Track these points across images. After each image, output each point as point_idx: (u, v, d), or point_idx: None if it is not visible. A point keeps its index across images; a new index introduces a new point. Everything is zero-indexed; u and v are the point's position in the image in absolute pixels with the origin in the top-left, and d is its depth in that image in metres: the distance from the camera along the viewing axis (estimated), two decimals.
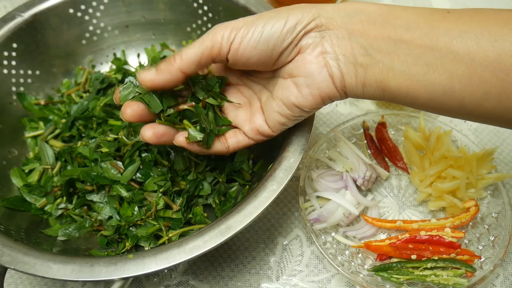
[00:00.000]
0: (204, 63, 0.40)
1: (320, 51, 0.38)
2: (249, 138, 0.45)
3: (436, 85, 0.35)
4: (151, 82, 0.40)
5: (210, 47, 0.39)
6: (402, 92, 0.36)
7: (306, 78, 0.39)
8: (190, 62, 0.39)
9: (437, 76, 0.34)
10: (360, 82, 0.38)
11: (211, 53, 0.39)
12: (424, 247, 0.50)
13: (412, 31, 0.35)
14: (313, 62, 0.38)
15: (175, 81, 0.40)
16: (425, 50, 0.34)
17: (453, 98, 0.35)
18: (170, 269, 0.54)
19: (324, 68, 0.38)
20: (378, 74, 0.36)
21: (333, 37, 0.38)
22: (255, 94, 0.46)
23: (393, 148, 0.60)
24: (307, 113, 0.42)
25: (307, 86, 0.39)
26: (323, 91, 0.39)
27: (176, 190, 0.52)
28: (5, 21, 0.57)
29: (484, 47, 0.33)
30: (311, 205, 0.54)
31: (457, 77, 0.34)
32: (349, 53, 0.37)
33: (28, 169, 0.56)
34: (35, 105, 0.60)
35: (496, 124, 0.37)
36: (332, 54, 0.38)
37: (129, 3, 0.63)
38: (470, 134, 0.65)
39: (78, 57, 0.65)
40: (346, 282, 0.53)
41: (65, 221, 0.53)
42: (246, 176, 0.55)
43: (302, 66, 0.39)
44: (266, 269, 0.54)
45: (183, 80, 0.41)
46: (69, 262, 0.40)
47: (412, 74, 0.35)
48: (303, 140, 0.46)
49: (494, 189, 0.55)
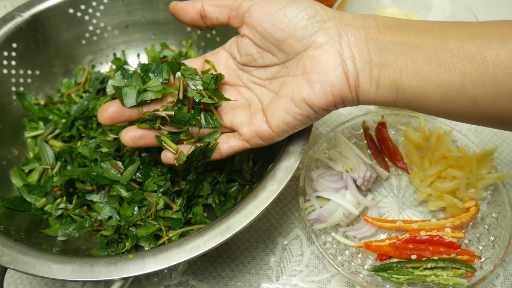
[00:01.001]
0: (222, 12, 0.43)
1: (337, 49, 0.39)
2: (245, 141, 0.44)
3: (448, 84, 0.35)
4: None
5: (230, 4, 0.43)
6: (416, 92, 0.37)
7: (320, 74, 0.39)
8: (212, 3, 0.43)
9: (449, 76, 0.35)
10: (374, 82, 0.38)
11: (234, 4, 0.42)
12: (424, 247, 0.50)
13: (424, 35, 0.37)
14: (330, 60, 0.39)
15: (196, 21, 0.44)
16: (436, 51, 0.35)
17: (466, 97, 0.35)
18: (170, 269, 0.54)
19: (339, 66, 0.38)
20: (392, 74, 0.37)
21: (351, 37, 0.39)
22: (256, 96, 0.45)
23: (393, 148, 0.60)
24: (315, 113, 0.41)
25: (320, 82, 0.39)
26: (335, 88, 0.39)
27: (176, 190, 0.52)
28: (5, 21, 0.57)
29: (495, 46, 0.34)
30: (311, 205, 0.54)
31: (469, 76, 0.34)
32: (365, 53, 0.38)
33: (28, 169, 0.56)
34: (35, 105, 0.60)
35: (510, 127, 0.37)
36: (349, 53, 0.38)
37: (129, 3, 0.63)
38: (470, 134, 0.65)
39: (78, 57, 0.65)
40: (346, 282, 0.53)
41: (65, 221, 0.53)
42: (246, 176, 0.55)
43: (317, 62, 0.39)
44: (266, 269, 0.54)
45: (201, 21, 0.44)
46: (69, 262, 0.40)
47: (425, 74, 0.36)
48: (303, 140, 0.46)
49: (494, 189, 0.55)
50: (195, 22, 0.45)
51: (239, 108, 0.45)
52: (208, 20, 0.44)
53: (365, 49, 0.38)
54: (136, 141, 0.44)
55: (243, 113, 0.45)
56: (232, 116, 0.45)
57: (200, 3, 0.44)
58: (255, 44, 0.43)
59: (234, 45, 0.45)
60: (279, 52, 0.42)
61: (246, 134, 0.44)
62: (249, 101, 0.45)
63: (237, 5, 0.42)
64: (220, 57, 0.47)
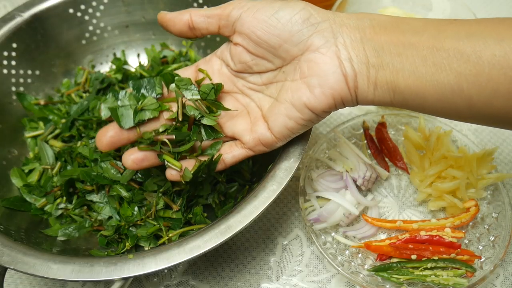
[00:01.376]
0: (212, 22, 0.42)
1: (334, 51, 0.38)
2: (248, 149, 0.44)
3: (444, 85, 0.35)
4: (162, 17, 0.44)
5: (222, 8, 0.42)
6: (412, 92, 0.37)
7: (319, 78, 0.39)
8: (200, 14, 0.42)
9: (445, 76, 0.35)
10: (372, 83, 0.38)
11: (223, 13, 0.42)
12: (424, 247, 0.50)
13: (420, 34, 0.36)
14: (328, 62, 0.38)
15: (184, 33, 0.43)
16: (432, 51, 0.35)
17: (462, 97, 0.35)
18: (170, 269, 0.54)
19: (338, 68, 0.38)
20: (388, 75, 0.37)
21: (346, 38, 0.38)
22: (254, 102, 0.44)
23: (393, 148, 0.60)
24: (316, 117, 0.41)
25: (319, 86, 0.39)
26: (335, 91, 0.39)
27: (176, 190, 0.52)
28: (5, 21, 0.57)
29: (491, 46, 0.33)
30: (311, 205, 0.54)
31: (465, 76, 0.34)
32: (362, 54, 0.38)
33: (28, 169, 0.56)
34: (35, 105, 0.60)
35: (506, 125, 0.37)
36: (346, 54, 0.38)
37: (129, 3, 0.63)
38: (470, 134, 0.65)
39: (78, 57, 0.65)
40: (346, 282, 0.53)
41: (65, 221, 0.53)
42: (246, 176, 0.55)
43: (316, 66, 0.39)
44: (266, 269, 0.54)
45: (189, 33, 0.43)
46: (69, 262, 0.40)
47: (421, 74, 0.36)
48: (303, 140, 0.46)
49: (494, 189, 0.55)
50: (184, 34, 0.44)
51: (238, 116, 0.45)
52: (197, 31, 0.43)
53: (362, 50, 0.38)
54: (139, 163, 0.43)
55: (243, 120, 0.44)
56: (232, 125, 0.45)
57: (188, 15, 0.43)
58: (249, 51, 0.42)
59: (227, 52, 0.44)
60: (275, 58, 0.41)
61: (249, 143, 0.43)
62: (247, 108, 0.45)
63: (227, 14, 0.41)
64: (213, 65, 0.46)
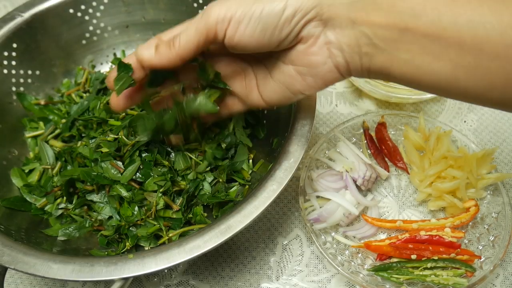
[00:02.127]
0: (202, 48, 0.40)
1: (323, 41, 0.37)
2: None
3: (439, 75, 0.34)
4: (149, 62, 0.40)
5: (205, 34, 0.38)
6: (407, 78, 0.36)
7: (310, 69, 0.39)
8: (188, 49, 0.39)
9: (442, 66, 0.34)
10: (365, 69, 0.37)
11: (207, 38, 0.38)
12: (424, 247, 0.50)
13: (418, 17, 0.33)
14: (317, 54, 0.38)
15: (172, 65, 0.40)
16: (430, 39, 0.33)
17: (457, 88, 0.34)
18: (170, 269, 0.54)
19: (329, 59, 0.38)
20: (382, 62, 0.36)
21: (336, 26, 0.36)
22: (250, 67, 0.44)
23: (393, 148, 0.60)
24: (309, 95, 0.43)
25: (311, 76, 0.39)
26: (327, 80, 0.39)
27: (176, 190, 0.52)
28: (5, 21, 0.57)
29: (493, 37, 0.31)
30: (311, 205, 0.54)
31: (462, 68, 0.33)
32: (354, 43, 0.36)
33: (28, 169, 0.56)
34: (35, 105, 0.60)
35: (503, 109, 0.36)
36: (336, 43, 0.37)
37: (129, 3, 0.63)
38: (470, 134, 0.65)
39: (78, 57, 0.65)
40: (346, 282, 0.53)
41: (65, 221, 0.53)
42: (246, 176, 0.55)
43: (305, 58, 0.38)
44: (266, 269, 0.54)
45: (181, 64, 0.41)
46: (69, 262, 0.40)
47: (417, 63, 0.34)
48: (303, 140, 0.46)
49: (494, 189, 0.55)
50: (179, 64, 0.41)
51: (235, 76, 0.45)
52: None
53: (353, 38, 0.36)
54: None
55: (239, 84, 0.45)
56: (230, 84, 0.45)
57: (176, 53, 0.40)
58: (239, 57, 0.44)
59: None
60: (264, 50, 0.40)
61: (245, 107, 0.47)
62: (244, 71, 0.45)
63: (212, 37, 0.38)
64: None
